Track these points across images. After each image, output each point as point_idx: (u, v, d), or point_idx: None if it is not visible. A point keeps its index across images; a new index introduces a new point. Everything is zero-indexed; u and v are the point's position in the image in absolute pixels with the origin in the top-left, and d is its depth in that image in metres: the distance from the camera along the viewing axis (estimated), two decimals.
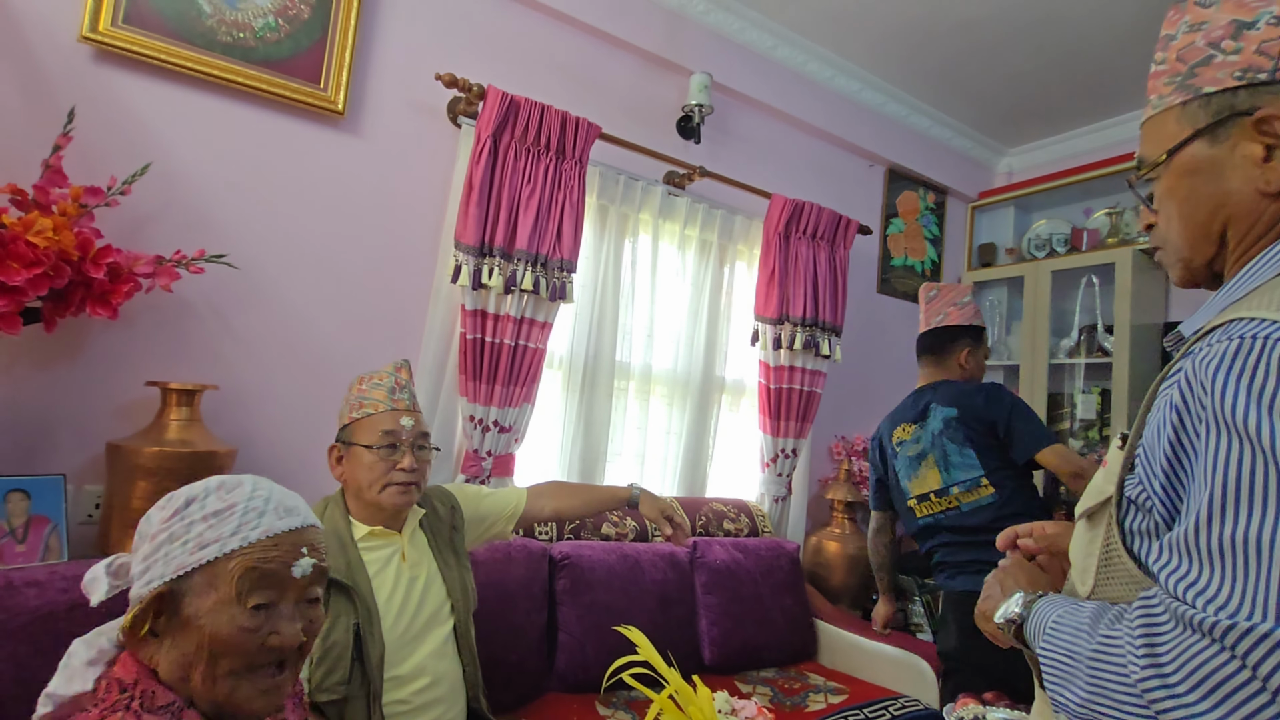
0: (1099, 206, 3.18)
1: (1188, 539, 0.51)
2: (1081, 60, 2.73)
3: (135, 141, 1.66)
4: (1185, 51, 0.65)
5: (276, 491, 0.76)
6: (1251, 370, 0.49)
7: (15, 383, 1.54)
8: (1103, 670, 0.54)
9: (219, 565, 0.69)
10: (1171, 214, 0.67)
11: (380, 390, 1.34)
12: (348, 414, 1.34)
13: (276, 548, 0.71)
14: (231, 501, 0.72)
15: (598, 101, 2.37)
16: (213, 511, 0.71)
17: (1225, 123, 0.62)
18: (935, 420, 1.95)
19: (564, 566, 1.91)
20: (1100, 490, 0.68)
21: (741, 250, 2.73)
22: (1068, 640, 0.59)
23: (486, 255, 1.97)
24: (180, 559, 0.69)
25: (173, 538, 0.69)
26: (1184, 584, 0.50)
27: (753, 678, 2.08)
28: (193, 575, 0.69)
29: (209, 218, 1.76)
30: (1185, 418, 0.55)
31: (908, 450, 2.01)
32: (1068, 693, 0.57)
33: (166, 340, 1.70)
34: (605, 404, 2.30)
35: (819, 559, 2.65)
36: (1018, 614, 0.70)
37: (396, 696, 1.23)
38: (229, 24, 1.76)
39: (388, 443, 1.29)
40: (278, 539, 0.72)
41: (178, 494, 0.73)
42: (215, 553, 0.69)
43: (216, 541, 0.69)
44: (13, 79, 1.55)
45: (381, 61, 2.01)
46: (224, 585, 0.69)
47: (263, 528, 0.71)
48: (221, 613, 0.68)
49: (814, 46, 2.82)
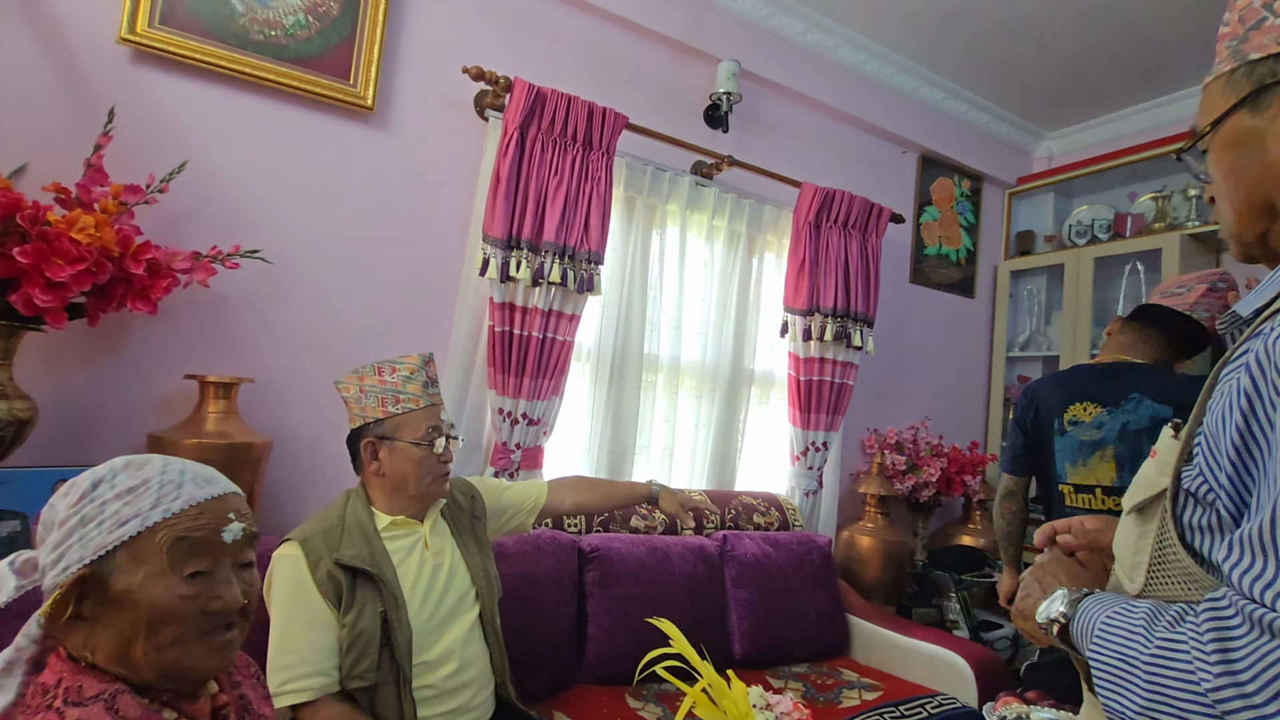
0: (1145, 190, 3.06)
1: (1263, 535, 0.47)
2: (1127, 37, 2.61)
3: (172, 140, 1.70)
4: (1245, 12, 0.60)
5: (190, 464, 0.75)
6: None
7: (61, 376, 1.58)
8: (1163, 676, 0.51)
9: (143, 540, 0.69)
10: (1219, 188, 0.64)
11: (415, 384, 1.34)
12: (380, 408, 1.32)
13: (203, 515, 0.72)
14: (145, 477, 0.71)
15: (624, 91, 2.35)
16: (126, 489, 0.70)
17: (1266, 90, 0.57)
18: (1139, 414, 1.58)
19: (593, 559, 1.90)
20: (1152, 483, 0.64)
21: (771, 240, 2.68)
22: (1121, 642, 0.56)
23: (514, 248, 1.97)
24: (99, 539, 0.68)
25: (85, 520, 0.68)
26: (1260, 584, 0.47)
27: (784, 673, 2.05)
28: (115, 554, 0.68)
29: (243, 214, 1.79)
30: (1256, 403, 0.51)
31: (1082, 433, 1.67)
32: (1124, 699, 0.53)
33: (204, 334, 1.74)
34: (633, 397, 2.29)
35: (852, 553, 2.60)
36: (1062, 613, 0.67)
37: (425, 681, 1.24)
38: (261, 22, 1.79)
39: (432, 437, 1.33)
40: (202, 507, 0.72)
41: (80, 479, 0.71)
42: (137, 527, 0.68)
43: (137, 517, 0.69)
44: (55, 81, 1.59)
45: (409, 56, 2.02)
46: (153, 558, 0.69)
47: (183, 498, 0.71)
48: (156, 584, 0.68)
49: (845, 31, 2.76)
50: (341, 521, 1.27)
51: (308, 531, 1.25)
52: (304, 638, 1.16)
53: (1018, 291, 3.41)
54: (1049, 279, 3.32)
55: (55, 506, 0.70)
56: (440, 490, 1.37)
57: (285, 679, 1.14)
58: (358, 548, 1.23)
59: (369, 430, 1.32)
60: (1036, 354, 3.27)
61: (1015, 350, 3.35)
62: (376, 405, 1.32)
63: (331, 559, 1.21)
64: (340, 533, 1.25)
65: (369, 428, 1.32)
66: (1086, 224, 3.14)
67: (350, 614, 1.19)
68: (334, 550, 1.22)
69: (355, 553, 1.22)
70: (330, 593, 1.19)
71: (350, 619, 1.18)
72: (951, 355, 3.31)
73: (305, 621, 1.17)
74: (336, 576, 1.20)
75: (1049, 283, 3.32)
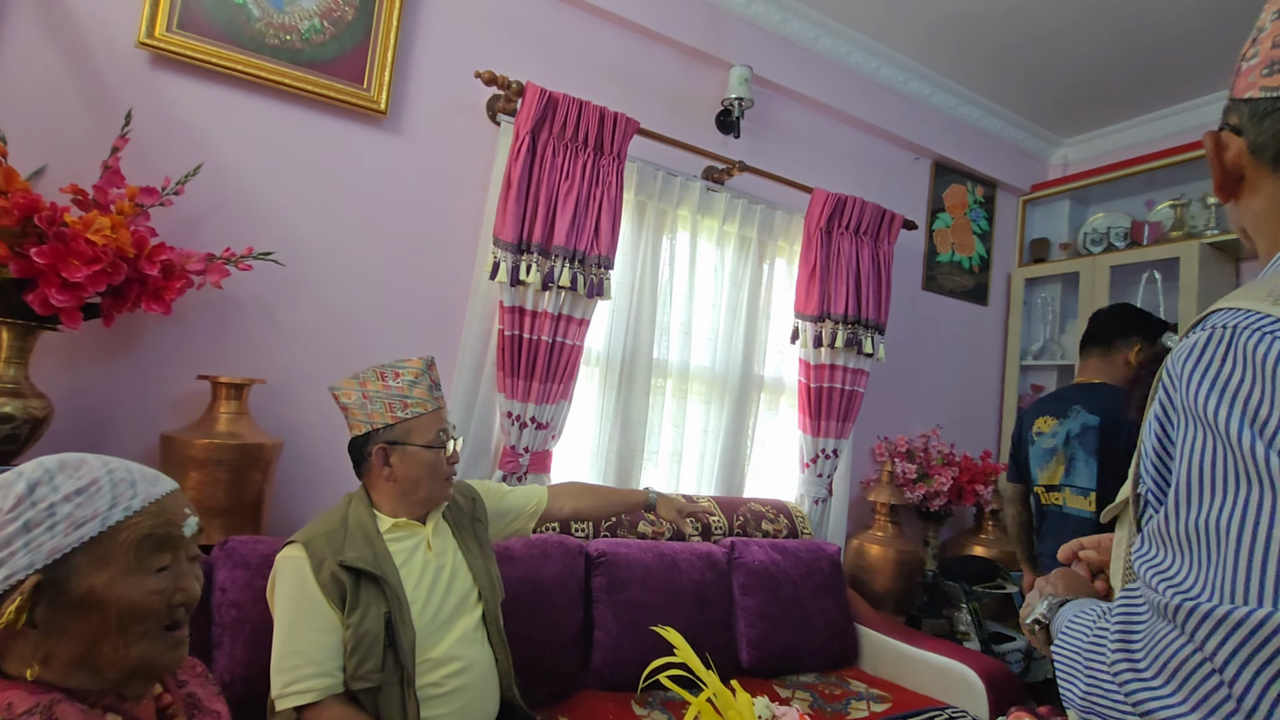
0: (1162, 198, 3.02)
1: (1160, 528, 0.51)
2: (1145, 44, 2.59)
3: (188, 143, 1.72)
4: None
5: (128, 462, 0.75)
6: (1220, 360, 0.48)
7: (76, 375, 1.60)
8: (1095, 663, 0.54)
9: (104, 540, 0.68)
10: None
11: (421, 388, 1.34)
12: (389, 413, 1.31)
13: (163, 512, 0.72)
14: (92, 477, 0.70)
15: (636, 96, 2.35)
16: (74, 490, 0.68)
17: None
18: (1076, 423, 1.91)
19: (600, 564, 1.90)
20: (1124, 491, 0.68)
21: (782, 246, 2.67)
22: (1076, 637, 0.60)
23: (525, 252, 1.97)
24: (51, 543, 0.66)
25: (30, 525, 0.65)
26: (1153, 570, 0.50)
27: (792, 682, 2.03)
28: (72, 557, 0.67)
29: (257, 216, 1.80)
30: (1169, 411, 0.55)
31: (1044, 442, 2.00)
32: (1072, 689, 0.56)
33: (217, 335, 1.75)
34: (642, 401, 2.29)
35: (861, 562, 2.58)
36: (1043, 614, 0.71)
37: (429, 680, 1.24)
38: (276, 26, 1.80)
39: (442, 441, 1.34)
40: (161, 503, 0.73)
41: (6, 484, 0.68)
42: (97, 528, 0.68)
43: (95, 518, 0.68)
44: (74, 85, 1.62)
45: (422, 61, 2.03)
46: (119, 557, 0.69)
47: (140, 495, 0.71)
48: (124, 583, 0.68)
49: (858, 36, 2.75)
50: (344, 524, 1.27)
51: (311, 534, 1.25)
52: (308, 639, 1.16)
53: (1032, 299, 3.37)
54: (1064, 287, 3.28)
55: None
56: (446, 493, 1.38)
57: (290, 680, 1.14)
58: (361, 549, 1.24)
59: (378, 436, 1.31)
60: (1050, 363, 3.23)
61: (1029, 359, 3.31)
62: (384, 410, 1.31)
63: (335, 561, 1.21)
64: (343, 535, 1.25)
65: (378, 433, 1.31)
66: (1102, 232, 3.11)
67: (354, 615, 1.19)
68: (337, 552, 1.22)
69: (359, 554, 1.23)
70: (334, 594, 1.19)
71: (354, 620, 1.18)
72: (964, 363, 3.28)
73: (309, 623, 1.17)
74: (340, 578, 1.20)
75: (1064, 291, 3.29)
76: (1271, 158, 0.56)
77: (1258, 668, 0.41)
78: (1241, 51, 0.61)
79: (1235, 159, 0.59)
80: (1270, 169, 0.57)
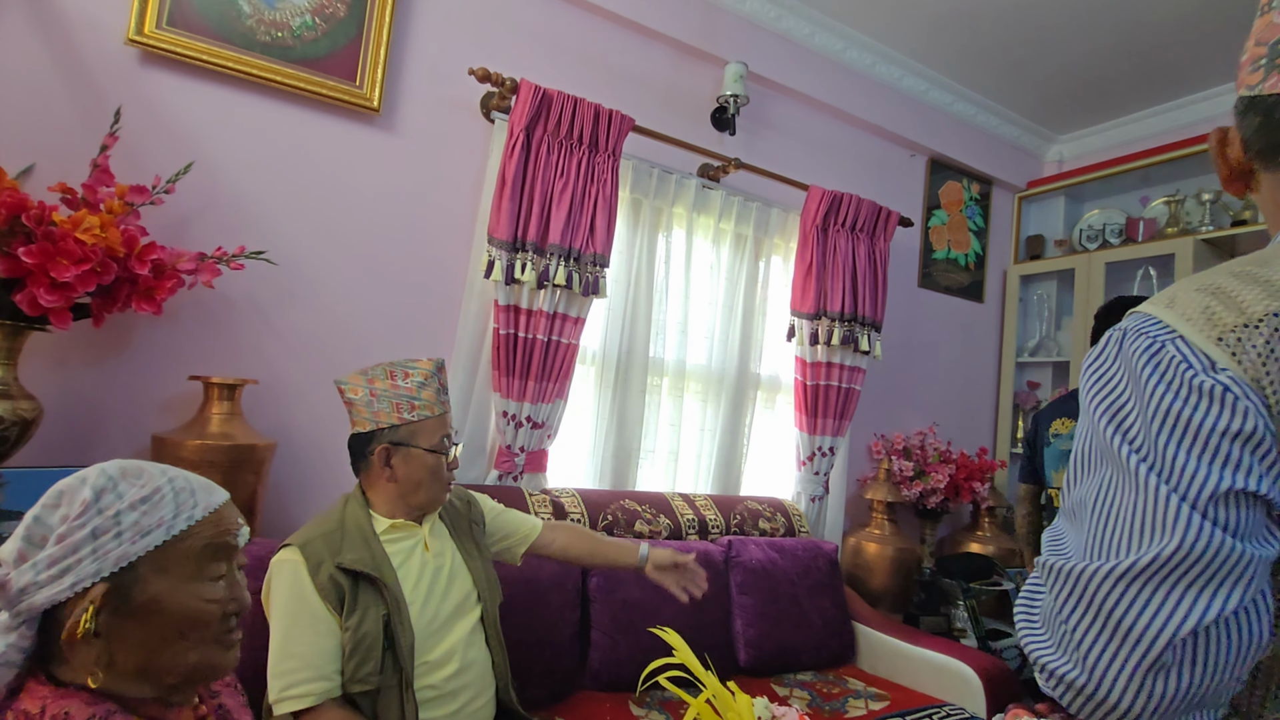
0: (1157, 195, 3.02)
1: (1062, 504, 0.60)
2: (1139, 40, 2.59)
3: (178, 141, 1.70)
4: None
5: (184, 471, 0.76)
6: (1107, 359, 0.55)
7: (66, 376, 1.58)
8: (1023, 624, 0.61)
9: (169, 548, 0.69)
10: None
11: (429, 391, 1.32)
12: (395, 414, 1.29)
13: (221, 521, 0.74)
14: (155, 486, 0.70)
15: (631, 94, 2.34)
16: (139, 498, 0.69)
17: None
18: None
19: None
20: None
21: (778, 244, 2.67)
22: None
23: (519, 250, 1.96)
24: (119, 551, 0.66)
25: (97, 532, 0.66)
26: (1049, 538, 0.58)
27: (789, 681, 2.03)
28: (138, 564, 0.68)
29: (249, 215, 1.79)
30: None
31: (1061, 444, 1.99)
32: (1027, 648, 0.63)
33: (208, 335, 1.73)
34: (638, 400, 2.28)
35: (858, 560, 2.58)
36: None
37: (426, 682, 1.23)
38: (268, 23, 1.79)
39: (445, 446, 1.33)
40: (219, 513, 0.74)
41: (71, 491, 0.68)
42: (162, 536, 0.69)
43: (160, 526, 0.69)
44: (63, 82, 1.59)
45: (416, 58, 2.01)
46: (181, 565, 0.70)
47: (201, 505, 0.73)
48: (186, 591, 0.70)
49: (853, 33, 2.74)
50: (341, 525, 1.26)
51: (308, 536, 1.24)
52: (305, 643, 1.15)
53: (1028, 296, 3.37)
54: (1059, 284, 3.28)
55: (45, 520, 0.67)
56: (443, 498, 1.37)
57: (287, 684, 1.13)
58: (359, 552, 1.22)
59: (382, 435, 1.29)
60: (1046, 359, 3.23)
61: (1025, 355, 3.32)
62: (390, 410, 1.29)
63: (333, 563, 1.20)
64: (341, 537, 1.24)
65: (382, 433, 1.29)
66: (1098, 228, 3.11)
67: (353, 618, 1.18)
68: (335, 554, 1.21)
69: (356, 556, 1.21)
70: (331, 597, 1.18)
71: (353, 623, 1.17)
72: (960, 360, 3.28)
73: (306, 626, 1.16)
74: (338, 580, 1.19)
75: (1059, 287, 3.29)
76: (1258, 152, 0.59)
77: (1081, 609, 0.50)
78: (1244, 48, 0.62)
79: (1236, 154, 0.61)
80: (1262, 165, 0.59)
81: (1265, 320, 0.49)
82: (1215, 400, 0.48)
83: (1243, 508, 0.47)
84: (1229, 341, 0.49)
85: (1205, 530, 0.46)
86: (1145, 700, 0.47)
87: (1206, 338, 0.50)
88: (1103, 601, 0.49)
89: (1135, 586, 0.48)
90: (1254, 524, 0.47)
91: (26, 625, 0.64)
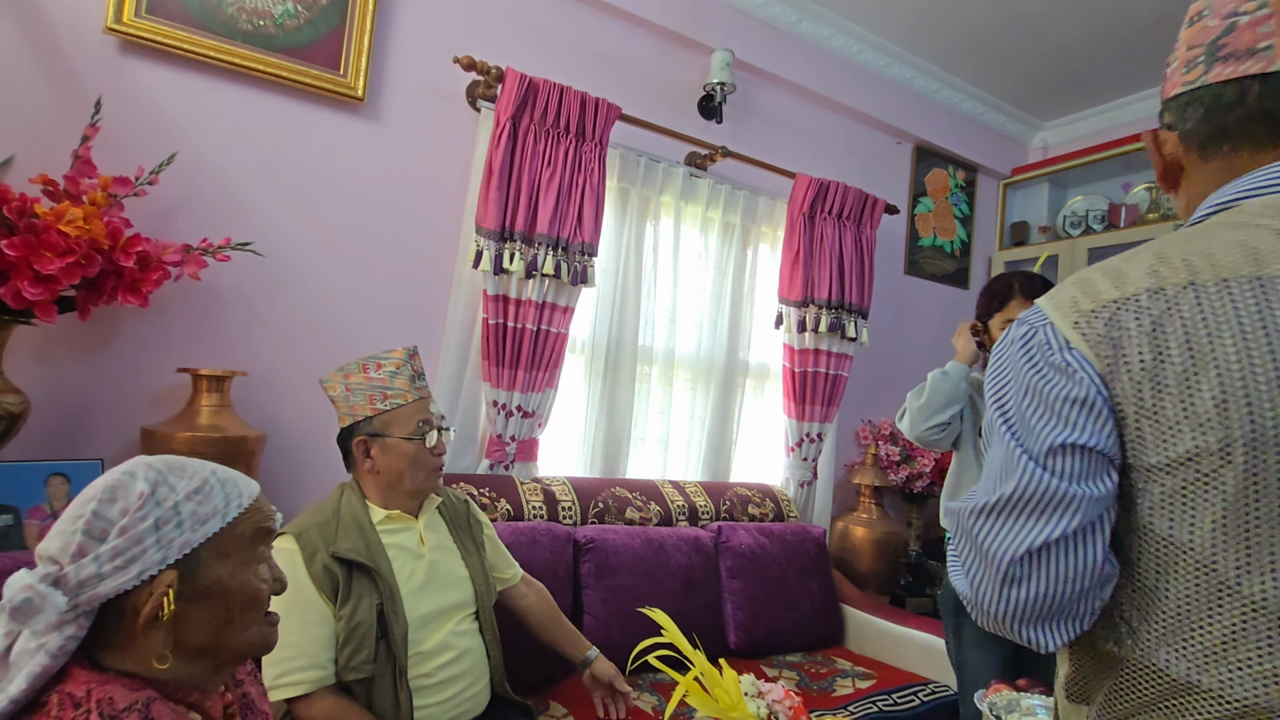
0: (1139, 181, 3.06)
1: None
2: (1121, 27, 2.61)
3: (161, 131, 1.68)
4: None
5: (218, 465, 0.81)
6: (1000, 345, 0.66)
7: (54, 370, 1.58)
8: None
9: (225, 534, 0.74)
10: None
11: (402, 379, 1.33)
12: (369, 405, 1.31)
13: (262, 508, 0.79)
14: (202, 478, 0.75)
15: (618, 82, 2.34)
16: (192, 490, 0.73)
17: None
18: None
19: (589, 550, 1.91)
20: None
21: (765, 232, 2.68)
22: None
23: (507, 240, 1.96)
24: (182, 538, 0.70)
25: (160, 523, 0.69)
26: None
27: (779, 662, 2.07)
28: (200, 550, 0.72)
29: (234, 206, 1.78)
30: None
31: None
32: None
33: (196, 327, 1.73)
34: (628, 388, 2.29)
35: (846, 544, 2.62)
36: None
37: (420, 671, 1.25)
38: (249, 11, 1.77)
39: (424, 431, 1.32)
40: (258, 500, 0.79)
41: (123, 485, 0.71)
42: (219, 524, 0.73)
43: (216, 514, 0.73)
44: (41, 71, 1.57)
45: (400, 46, 2.00)
46: (237, 550, 0.75)
47: (244, 493, 0.77)
48: (244, 573, 0.76)
49: (840, 20, 2.75)
50: (337, 514, 1.27)
51: (303, 525, 1.25)
52: (299, 631, 1.16)
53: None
54: (1043, 270, 3.32)
55: (104, 514, 0.68)
56: (434, 485, 1.37)
57: (281, 672, 1.14)
58: (353, 541, 1.24)
59: (359, 428, 1.31)
60: None
61: None
62: (365, 403, 1.31)
63: (328, 552, 1.21)
64: (336, 526, 1.25)
65: (359, 425, 1.31)
66: (1081, 215, 3.15)
67: (347, 607, 1.19)
68: (330, 543, 1.22)
69: (351, 545, 1.23)
70: (326, 586, 1.19)
71: (347, 611, 1.19)
72: (946, 346, 3.30)
73: (300, 615, 1.17)
74: (333, 570, 1.20)
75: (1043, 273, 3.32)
76: (1199, 144, 0.65)
77: (961, 538, 0.64)
78: (1166, 61, 0.72)
79: (1173, 150, 0.68)
80: (1198, 154, 0.66)
81: (1106, 307, 0.59)
82: (1060, 373, 0.59)
83: (1073, 457, 0.57)
84: (1081, 325, 0.59)
85: (1037, 475, 0.58)
86: (1006, 605, 0.59)
87: (1067, 322, 0.60)
88: (971, 531, 0.62)
89: (990, 518, 0.60)
90: (1084, 470, 0.57)
91: (85, 616, 0.67)
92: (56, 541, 0.68)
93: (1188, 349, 0.54)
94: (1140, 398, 0.56)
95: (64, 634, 0.65)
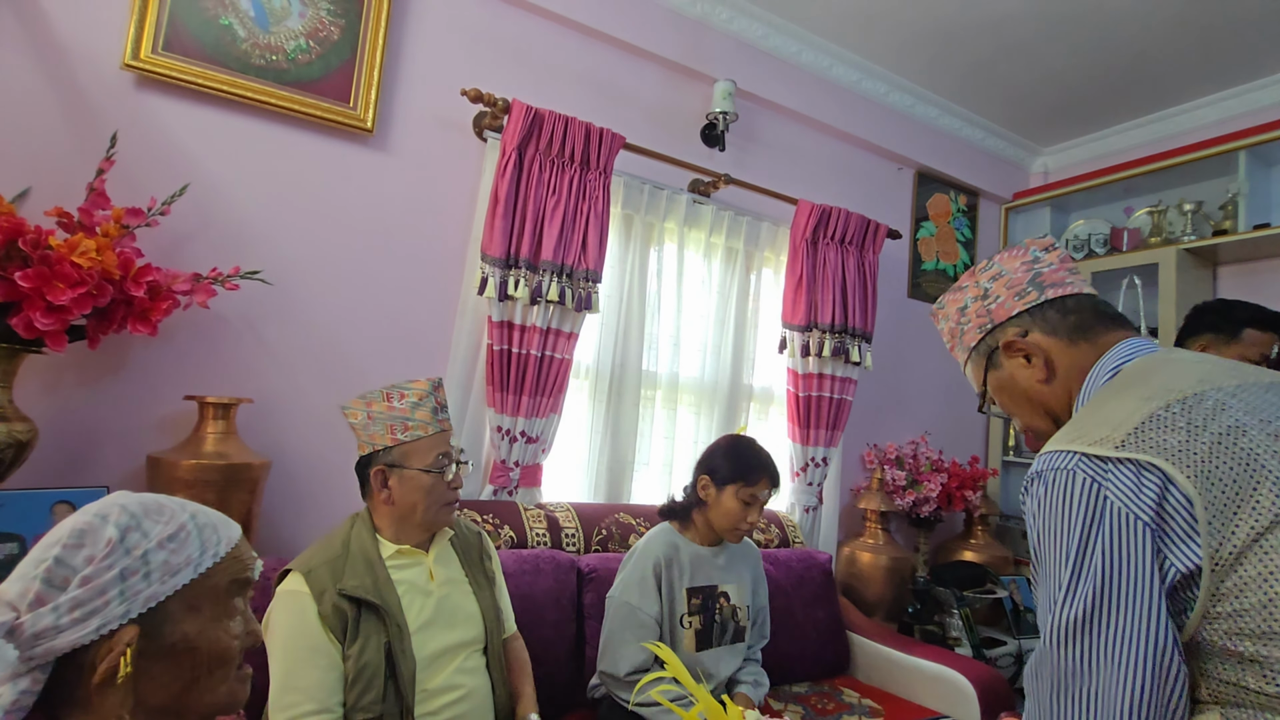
0: (1140, 205, 3.08)
1: None
2: (1120, 54, 2.64)
3: (174, 163, 1.72)
4: (951, 329, 1.00)
5: (199, 505, 0.75)
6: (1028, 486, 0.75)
7: (61, 397, 1.59)
8: None
9: (196, 585, 0.68)
10: (1014, 413, 0.94)
11: (424, 410, 1.33)
12: (389, 435, 1.30)
13: (241, 557, 0.74)
14: (179, 523, 0.69)
15: (622, 112, 2.37)
16: (165, 537, 0.67)
17: (992, 355, 0.92)
18: None
19: (592, 579, 1.89)
20: None
21: (768, 257, 2.70)
22: None
23: (512, 267, 1.98)
24: (148, 590, 0.65)
25: (126, 573, 0.64)
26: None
27: (785, 694, 2.03)
28: (167, 604, 0.66)
29: (244, 236, 1.80)
30: None
31: None
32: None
33: (204, 355, 1.74)
34: (632, 413, 2.29)
35: (853, 570, 2.59)
36: None
37: (426, 709, 1.23)
38: (262, 47, 1.81)
39: (443, 464, 1.32)
40: (237, 547, 0.74)
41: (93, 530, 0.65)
42: (191, 574, 0.68)
43: (189, 564, 0.68)
44: (59, 107, 1.61)
45: (409, 79, 2.04)
46: (209, 602, 0.70)
47: (223, 540, 0.72)
48: (215, 628, 0.70)
49: (839, 50, 2.79)
50: (346, 549, 1.26)
51: (311, 562, 1.23)
52: (308, 676, 1.14)
53: None
54: None
55: (67, 561, 0.63)
56: (447, 519, 1.35)
57: (289, 717, 1.13)
58: (361, 577, 1.22)
59: (378, 458, 1.30)
60: None
61: None
62: (385, 432, 1.30)
63: (335, 590, 1.19)
64: (344, 561, 1.24)
65: (378, 455, 1.30)
66: (1083, 239, 3.16)
67: (355, 645, 1.17)
68: (338, 580, 1.20)
69: (358, 583, 1.21)
70: (335, 625, 1.18)
71: (355, 650, 1.17)
72: (951, 370, 3.31)
73: (309, 660, 1.15)
74: (341, 608, 1.18)
75: None
76: (1068, 337, 0.85)
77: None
78: (954, 320, 0.98)
79: (1045, 349, 0.85)
80: (1069, 342, 0.84)
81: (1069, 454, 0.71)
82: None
83: None
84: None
85: None
86: None
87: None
88: None
89: None
90: None
91: (40, 670, 0.61)
92: (17, 586, 0.63)
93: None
94: None
95: (17, 688, 0.60)
